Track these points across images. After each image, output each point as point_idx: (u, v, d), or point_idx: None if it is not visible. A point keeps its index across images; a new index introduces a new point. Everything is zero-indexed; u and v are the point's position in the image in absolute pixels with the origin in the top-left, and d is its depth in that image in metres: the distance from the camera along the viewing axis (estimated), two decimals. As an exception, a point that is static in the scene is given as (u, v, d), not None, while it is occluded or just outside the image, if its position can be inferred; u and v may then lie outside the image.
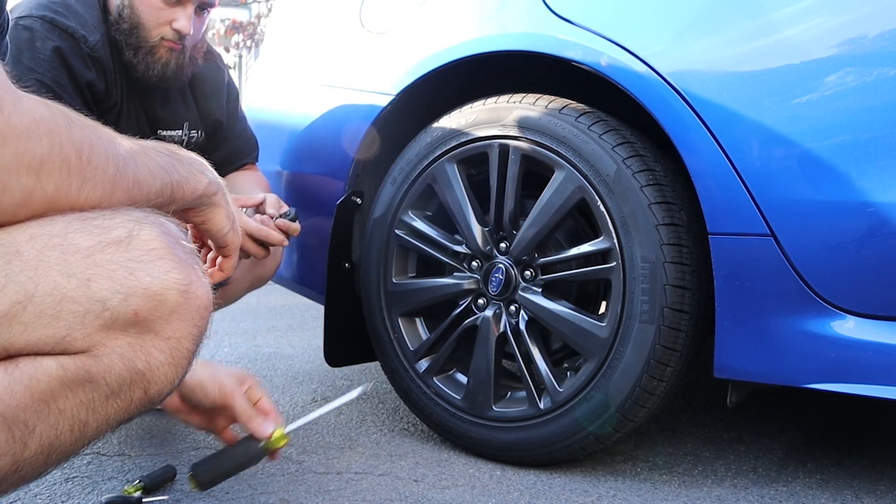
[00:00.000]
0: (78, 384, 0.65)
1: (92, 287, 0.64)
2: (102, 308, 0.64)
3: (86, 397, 0.66)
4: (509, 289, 1.44)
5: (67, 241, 0.65)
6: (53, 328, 0.63)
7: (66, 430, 0.66)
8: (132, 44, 1.50)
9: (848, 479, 1.41)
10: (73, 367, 0.64)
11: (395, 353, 1.58)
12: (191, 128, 1.71)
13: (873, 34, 1.13)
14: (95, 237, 0.66)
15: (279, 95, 1.96)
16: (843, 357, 1.15)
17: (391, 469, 1.42)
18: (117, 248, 0.66)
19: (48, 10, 1.43)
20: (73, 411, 0.66)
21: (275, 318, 3.12)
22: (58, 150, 0.64)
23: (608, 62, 1.31)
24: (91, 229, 0.66)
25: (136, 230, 0.68)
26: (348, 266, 1.69)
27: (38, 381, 0.64)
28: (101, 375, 0.65)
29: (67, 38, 1.43)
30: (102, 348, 0.65)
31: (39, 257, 0.63)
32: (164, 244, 0.68)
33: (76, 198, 0.67)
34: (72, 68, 1.43)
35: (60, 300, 0.63)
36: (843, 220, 1.13)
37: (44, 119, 0.64)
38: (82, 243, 0.65)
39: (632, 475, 1.42)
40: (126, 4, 1.48)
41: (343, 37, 1.80)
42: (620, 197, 1.30)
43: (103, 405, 0.67)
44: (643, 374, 1.28)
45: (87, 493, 1.28)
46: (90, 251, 0.65)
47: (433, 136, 1.53)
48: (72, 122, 0.67)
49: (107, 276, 0.65)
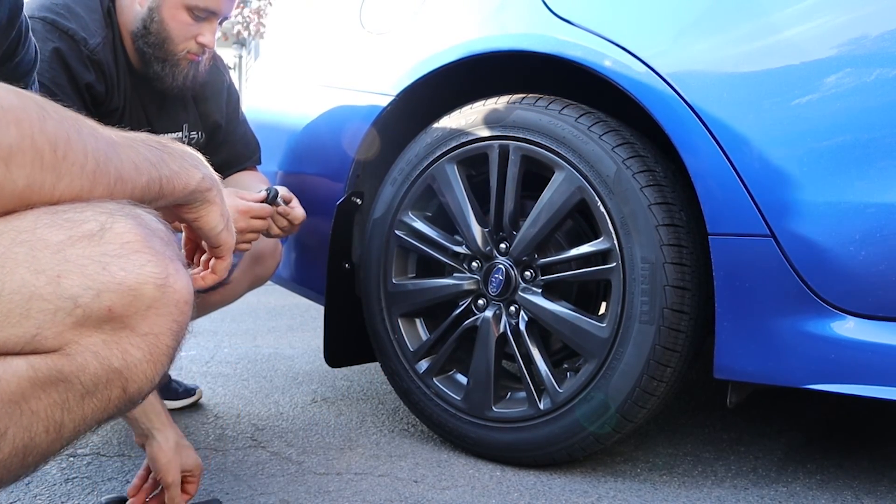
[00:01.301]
0: (50, 384, 0.63)
1: (62, 284, 0.62)
2: (74, 305, 0.62)
3: (59, 397, 0.64)
4: (509, 289, 1.44)
5: (36, 237, 0.62)
6: (22, 327, 0.61)
7: (40, 432, 0.64)
8: (160, 57, 1.52)
9: (848, 480, 1.41)
10: (45, 367, 0.62)
11: (395, 354, 1.58)
12: (191, 129, 1.72)
13: (873, 35, 1.13)
14: (66, 231, 0.63)
15: (279, 96, 1.96)
16: (842, 358, 1.15)
17: (391, 470, 1.42)
18: (89, 243, 0.63)
19: (49, 11, 1.43)
20: (47, 412, 0.64)
21: (275, 319, 3.12)
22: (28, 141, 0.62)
23: (608, 63, 1.31)
24: (61, 223, 0.63)
25: (108, 223, 0.65)
26: (348, 266, 1.69)
27: (8, 383, 0.61)
28: (75, 374, 0.63)
29: (67, 40, 1.43)
30: (75, 346, 0.63)
31: (6, 254, 0.61)
32: (140, 236, 0.66)
33: (50, 194, 0.64)
34: (71, 69, 1.43)
35: (29, 298, 0.61)
36: (843, 221, 1.13)
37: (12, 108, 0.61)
38: (52, 238, 0.62)
39: (632, 476, 1.42)
40: (155, 19, 1.49)
41: (343, 37, 1.80)
42: (620, 198, 1.30)
43: (79, 405, 0.65)
44: (643, 375, 1.28)
45: (87, 493, 1.28)
46: (60, 246, 0.62)
47: (433, 136, 1.53)
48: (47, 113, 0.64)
49: (78, 272, 0.62)
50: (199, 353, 2.41)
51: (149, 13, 1.49)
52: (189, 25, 1.50)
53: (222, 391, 1.97)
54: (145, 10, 1.49)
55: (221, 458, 1.46)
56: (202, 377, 2.11)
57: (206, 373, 2.16)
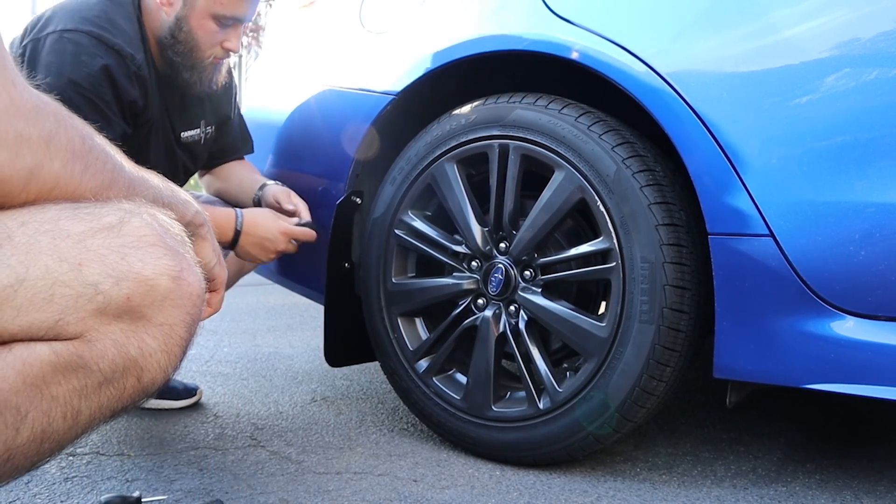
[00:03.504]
0: (71, 370, 0.65)
1: (84, 271, 0.64)
2: (95, 292, 0.64)
3: (79, 384, 0.66)
4: (509, 289, 1.44)
5: (59, 227, 0.65)
6: (46, 312, 0.63)
7: (58, 417, 0.66)
8: (188, 64, 1.55)
9: (847, 480, 1.41)
10: (66, 353, 0.65)
11: (395, 353, 1.58)
12: (206, 124, 1.76)
13: (872, 35, 1.13)
14: (87, 223, 0.66)
15: (279, 95, 1.96)
16: (842, 357, 1.15)
17: (390, 469, 1.42)
18: (108, 234, 0.67)
19: (94, 25, 1.43)
20: (66, 398, 0.66)
21: (275, 318, 3.12)
22: (63, 131, 0.67)
23: (608, 62, 1.31)
24: (82, 216, 0.67)
25: (127, 218, 0.68)
26: (348, 266, 1.69)
27: (31, 366, 0.64)
28: (95, 361, 0.66)
29: (115, 56, 1.44)
30: (95, 333, 0.65)
31: (31, 242, 0.64)
32: (155, 231, 0.69)
33: (79, 181, 0.69)
34: (118, 86, 1.44)
35: (52, 284, 0.63)
36: (843, 221, 1.13)
37: (50, 102, 0.68)
38: (73, 229, 0.66)
39: (631, 475, 1.42)
40: (183, 29, 1.51)
41: (343, 37, 1.80)
42: (620, 197, 1.30)
43: (96, 392, 0.67)
44: (643, 375, 1.28)
45: (87, 492, 1.28)
46: (81, 236, 0.65)
47: (433, 135, 1.53)
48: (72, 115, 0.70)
49: (98, 261, 0.65)
50: (199, 352, 2.41)
51: (176, 22, 1.51)
52: (216, 33, 1.53)
53: (222, 390, 1.97)
54: (172, 18, 1.51)
55: (221, 458, 1.46)
56: (202, 376, 2.11)
57: (206, 372, 2.16)
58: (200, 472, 1.39)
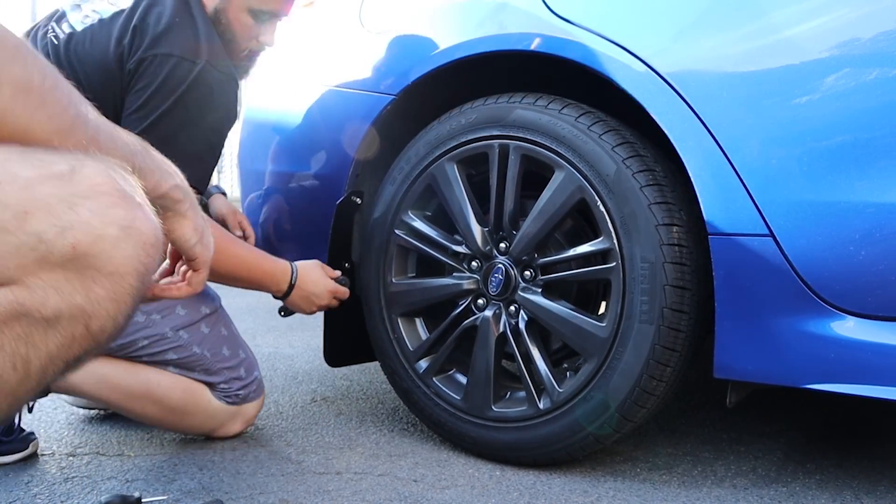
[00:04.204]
0: (12, 317, 0.63)
1: (28, 220, 0.62)
2: (38, 241, 0.62)
3: (22, 330, 0.64)
4: (509, 289, 1.44)
5: (4, 170, 0.62)
6: None
7: (7, 367, 0.64)
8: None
9: (847, 480, 1.41)
10: (5, 300, 0.63)
11: (395, 353, 1.58)
12: None
13: (873, 34, 1.13)
14: (36, 169, 0.64)
15: (279, 95, 1.96)
16: (842, 357, 1.15)
17: (391, 469, 1.42)
18: (59, 182, 0.64)
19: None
20: (12, 346, 0.64)
21: (275, 318, 3.12)
22: (20, 61, 0.64)
23: (608, 62, 1.31)
24: (32, 161, 0.64)
25: (78, 167, 0.66)
26: (348, 266, 1.69)
27: None
28: (36, 308, 0.64)
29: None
30: (35, 279, 0.63)
31: None
32: (108, 180, 0.67)
33: (30, 117, 0.65)
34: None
35: None
36: (843, 221, 1.13)
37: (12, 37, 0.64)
38: (21, 173, 0.63)
39: (631, 475, 1.42)
40: (221, 21, 1.54)
41: (343, 36, 1.80)
42: (620, 197, 1.30)
43: (43, 340, 0.65)
44: (643, 375, 1.28)
45: (87, 492, 1.28)
46: (29, 182, 0.63)
47: (433, 135, 1.53)
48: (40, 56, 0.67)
49: (45, 210, 0.63)
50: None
51: (215, 14, 1.53)
52: (252, 27, 1.56)
53: (222, 390, 1.97)
54: (212, 10, 1.53)
55: (221, 458, 1.46)
56: (202, 376, 2.10)
57: (206, 372, 2.16)
58: (200, 472, 1.39)
